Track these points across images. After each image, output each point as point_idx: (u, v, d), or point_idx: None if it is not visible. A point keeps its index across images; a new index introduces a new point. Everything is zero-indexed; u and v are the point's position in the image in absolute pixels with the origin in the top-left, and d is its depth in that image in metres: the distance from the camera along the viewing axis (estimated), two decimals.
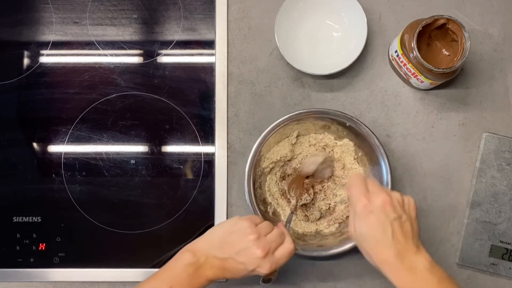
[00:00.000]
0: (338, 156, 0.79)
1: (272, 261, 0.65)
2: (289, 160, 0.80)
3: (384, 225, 0.61)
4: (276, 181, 0.80)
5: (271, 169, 0.79)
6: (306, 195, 0.78)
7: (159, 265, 0.79)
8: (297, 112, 0.75)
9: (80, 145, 0.82)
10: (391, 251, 0.60)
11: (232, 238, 0.65)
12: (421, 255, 0.61)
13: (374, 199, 0.62)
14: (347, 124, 0.75)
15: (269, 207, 0.78)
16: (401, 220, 0.62)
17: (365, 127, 0.74)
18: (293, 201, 0.76)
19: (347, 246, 0.73)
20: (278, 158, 0.78)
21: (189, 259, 0.64)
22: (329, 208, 0.79)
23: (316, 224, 0.79)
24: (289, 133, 0.78)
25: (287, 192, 0.79)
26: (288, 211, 0.79)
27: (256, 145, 0.75)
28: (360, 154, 0.78)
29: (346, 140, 0.78)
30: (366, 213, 0.62)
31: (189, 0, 0.84)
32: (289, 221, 0.74)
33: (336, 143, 0.79)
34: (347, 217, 0.77)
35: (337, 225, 0.78)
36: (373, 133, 0.74)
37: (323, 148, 0.79)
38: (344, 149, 0.79)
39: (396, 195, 0.64)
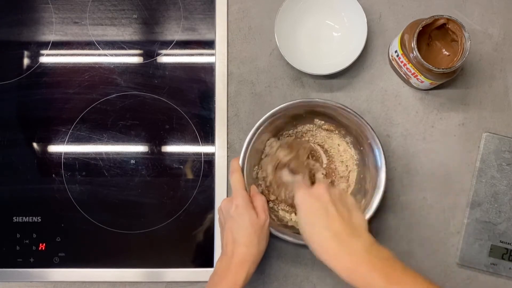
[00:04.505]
0: (329, 147, 0.80)
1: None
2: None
3: (318, 210, 0.62)
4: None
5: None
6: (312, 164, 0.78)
7: (159, 265, 0.79)
8: (285, 104, 0.74)
9: (80, 145, 0.82)
10: (327, 234, 0.60)
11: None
12: (362, 237, 0.60)
13: (312, 190, 0.64)
14: (337, 112, 0.74)
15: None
16: (337, 205, 0.62)
17: (353, 112, 0.73)
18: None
19: None
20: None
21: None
22: None
23: None
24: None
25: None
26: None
27: (246, 143, 0.75)
28: (351, 139, 0.78)
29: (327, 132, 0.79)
30: (303, 204, 0.64)
31: (189, 0, 0.84)
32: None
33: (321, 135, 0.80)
34: None
35: None
36: (360, 116, 0.73)
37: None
38: (332, 139, 0.80)
39: (333, 188, 0.66)
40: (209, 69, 0.83)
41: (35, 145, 0.82)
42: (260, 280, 0.79)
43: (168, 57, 0.84)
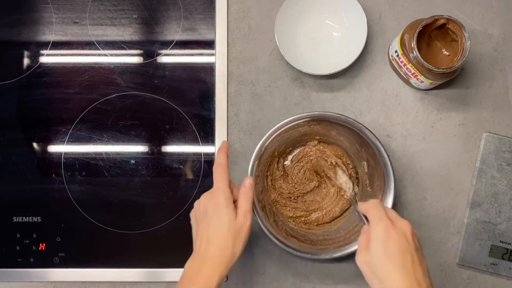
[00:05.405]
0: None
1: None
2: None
3: (405, 252, 0.58)
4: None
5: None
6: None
7: (159, 265, 0.79)
8: (298, 115, 0.74)
9: (80, 145, 0.82)
10: (410, 280, 0.56)
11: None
12: None
13: (397, 223, 0.60)
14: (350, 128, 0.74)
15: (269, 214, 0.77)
16: (421, 253, 0.59)
17: (369, 131, 0.73)
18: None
19: (349, 250, 0.73)
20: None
21: None
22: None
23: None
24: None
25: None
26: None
27: (256, 150, 0.74)
28: (360, 157, 0.78)
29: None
30: (386, 236, 0.58)
31: (189, 0, 0.84)
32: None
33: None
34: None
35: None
36: (378, 141, 0.73)
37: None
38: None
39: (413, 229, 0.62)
40: (209, 69, 0.83)
41: (35, 145, 0.82)
42: (260, 280, 0.79)
43: (168, 57, 0.84)
